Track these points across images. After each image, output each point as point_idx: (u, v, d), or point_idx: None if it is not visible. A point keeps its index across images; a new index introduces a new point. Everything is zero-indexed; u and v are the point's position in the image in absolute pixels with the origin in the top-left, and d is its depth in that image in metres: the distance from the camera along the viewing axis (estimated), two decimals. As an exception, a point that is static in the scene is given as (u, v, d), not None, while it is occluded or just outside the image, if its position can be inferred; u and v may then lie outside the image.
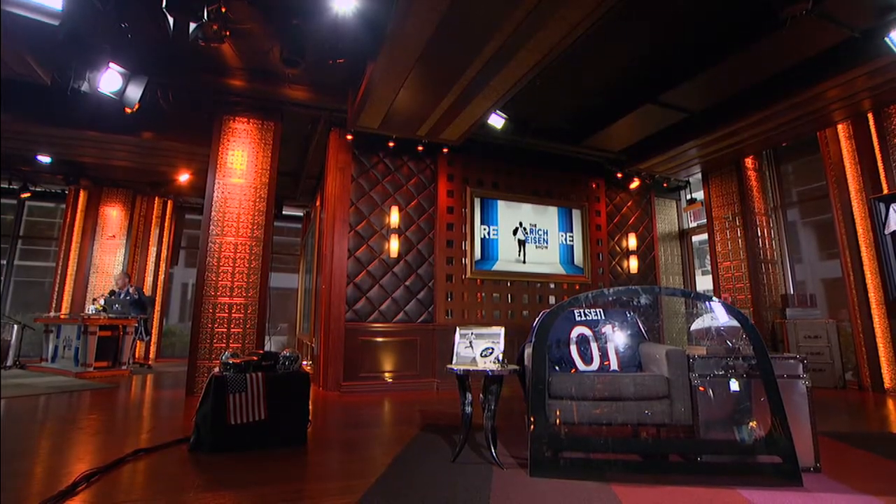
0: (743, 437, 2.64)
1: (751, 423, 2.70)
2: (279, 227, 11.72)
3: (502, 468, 2.72)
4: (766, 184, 7.45)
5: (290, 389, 3.29)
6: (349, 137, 6.25)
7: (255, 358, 3.34)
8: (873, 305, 5.75)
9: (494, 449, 2.82)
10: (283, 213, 10.52)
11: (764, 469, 2.54)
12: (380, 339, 6.11)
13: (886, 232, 5.49)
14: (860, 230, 5.87)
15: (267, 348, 6.10)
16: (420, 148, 6.47)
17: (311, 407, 4.78)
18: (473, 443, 3.23)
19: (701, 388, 2.78)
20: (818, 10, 4.06)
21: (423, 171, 6.75)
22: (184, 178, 8.14)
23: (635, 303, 3.04)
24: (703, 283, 9.43)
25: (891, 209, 5.48)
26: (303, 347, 8.81)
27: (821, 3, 4.04)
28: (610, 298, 2.92)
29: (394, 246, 6.24)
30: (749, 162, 7.41)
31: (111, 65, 4.43)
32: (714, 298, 2.83)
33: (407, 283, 6.35)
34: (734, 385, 2.78)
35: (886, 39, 4.36)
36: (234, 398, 3.04)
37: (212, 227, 5.60)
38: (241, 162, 5.84)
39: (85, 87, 4.29)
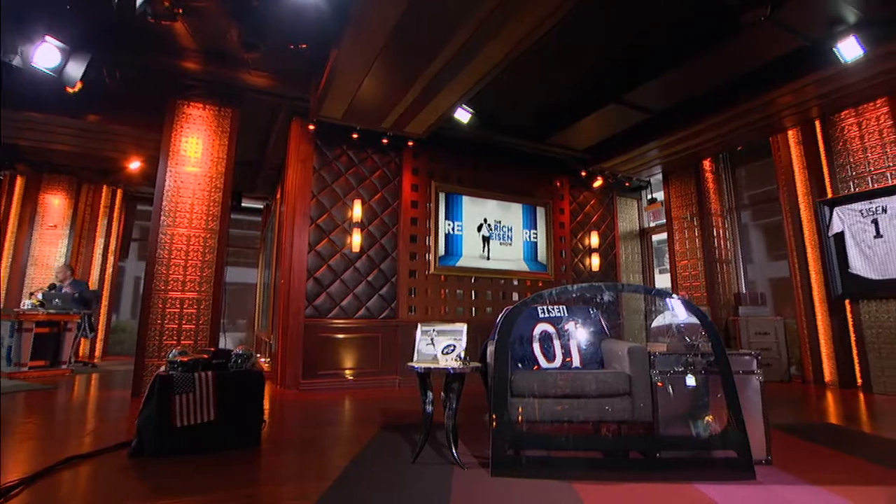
0: (700, 433, 2.68)
1: (708, 419, 2.73)
2: (238, 219, 11.29)
3: (463, 468, 2.65)
4: (722, 186, 7.70)
5: (243, 388, 3.12)
6: (311, 128, 6.04)
7: (205, 356, 3.14)
8: (817, 303, 6.03)
9: (455, 449, 2.75)
10: (242, 205, 10.13)
11: (719, 463, 2.58)
12: (340, 336, 5.95)
13: (830, 234, 5.75)
14: (807, 232, 6.14)
15: (222, 345, 5.83)
16: (385, 141, 6.33)
17: (267, 406, 4.61)
18: (434, 442, 3.15)
19: (660, 384, 2.80)
20: (775, 18, 4.18)
21: (388, 164, 6.61)
22: (134, 165, 7.69)
23: (599, 299, 3.03)
24: (661, 281, 9.69)
25: (835, 212, 5.74)
26: (261, 344, 8.51)
27: (778, 11, 4.15)
28: (574, 295, 2.90)
29: (356, 240, 6.08)
30: (707, 164, 7.64)
31: (47, 38, 4.07)
32: (675, 296, 2.86)
33: (369, 278, 6.21)
34: (690, 381, 2.81)
35: (835, 49, 4.54)
36: (180, 399, 2.84)
37: (163, 217, 5.29)
38: (195, 150, 5.53)
39: (17, 61, 3.92)
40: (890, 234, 5.31)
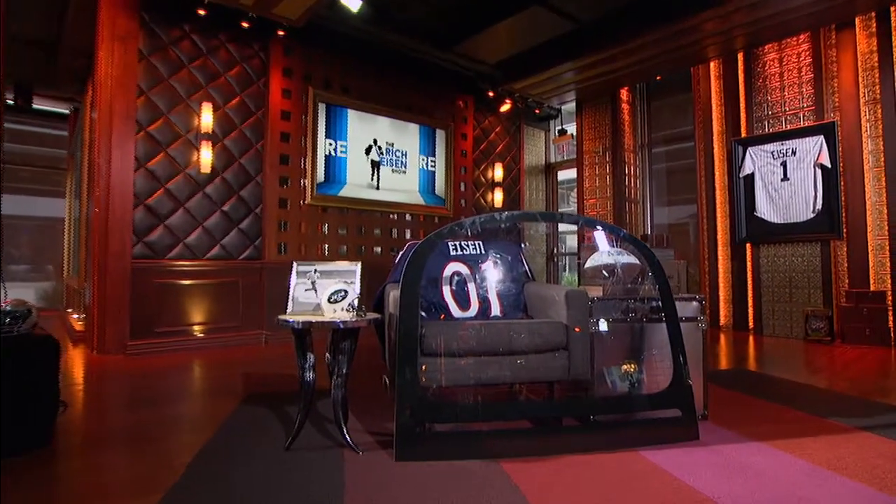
0: (641, 391, 2.52)
1: (632, 371, 2.58)
2: (33, 132, 9.18)
3: (358, 452, 2.21)
4: (637, 120, 7.83)
5: (18, 363, 2.29)
6: (134, -9, 4.75)
7: (-55, 313, 2.23)
8: (720, 247, 6.49)
9: (346, 426, 2.29)
10: (35, 106, 8.05)
11: (660, 423, 2.44)
12: (186, 282, 5.07)
13: (741, 175, 6.10)
14: (718, 173, 6.48)
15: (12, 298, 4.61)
16: (245, 24, 5.23)
17: (80, 380, 3.72)
18: (317, 417, 2.66)
19: (577, 329, 2.55)
20: None
21: (250, 58, 5.56)
22: None
23: (528, 233, 2.68)
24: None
25: (747, 153, 6.08)
26: (73, 294, 7.14)
27: None
28: (503, 225, 2.51)
29: (206, 157, 5.08)
30: (624, 94, 7.67)
31: None
32: (624, 231, 2.61)
33: (225, 207, 5.31)
34: (603, 326, 2.61)
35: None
36: None
37: None
38: (-64, 3, 4.01)
39: None
40: (796, 178, 5.74)
